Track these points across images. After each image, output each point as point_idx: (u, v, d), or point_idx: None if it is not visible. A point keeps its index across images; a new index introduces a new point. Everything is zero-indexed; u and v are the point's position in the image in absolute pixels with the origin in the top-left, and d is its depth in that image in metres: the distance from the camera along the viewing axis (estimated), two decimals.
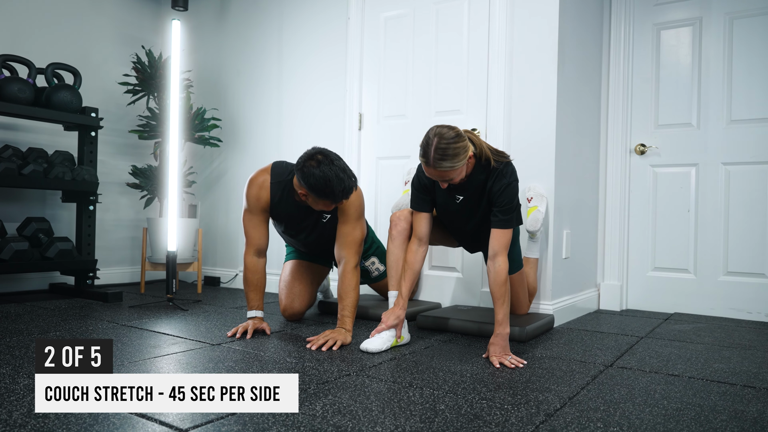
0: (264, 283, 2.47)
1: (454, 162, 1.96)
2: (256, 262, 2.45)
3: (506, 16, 2.88)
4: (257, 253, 2.45)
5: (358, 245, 2.41)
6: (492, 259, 2.10)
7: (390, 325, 2.18)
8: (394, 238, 2.32)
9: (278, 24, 3.80)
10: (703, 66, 3.19)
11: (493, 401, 1.56)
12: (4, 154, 3.19)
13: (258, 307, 2.45)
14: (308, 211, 2.45)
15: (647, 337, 2.52)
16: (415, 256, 2.25)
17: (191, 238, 3.72)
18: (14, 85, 3.05)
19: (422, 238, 2.26)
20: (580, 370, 1.92)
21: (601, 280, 3.38)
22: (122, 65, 3.98)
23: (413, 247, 2.26)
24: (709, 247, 3.17)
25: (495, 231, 2.12)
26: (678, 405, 1.57)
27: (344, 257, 2.39)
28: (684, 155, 3.24)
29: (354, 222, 2.40)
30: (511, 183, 2.11)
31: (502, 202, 2.10)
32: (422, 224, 2.26)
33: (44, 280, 3.63)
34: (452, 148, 1.94)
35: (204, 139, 3.81)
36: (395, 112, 3.28)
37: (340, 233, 2.41)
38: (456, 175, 2.02)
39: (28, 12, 3.58)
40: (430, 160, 1.96)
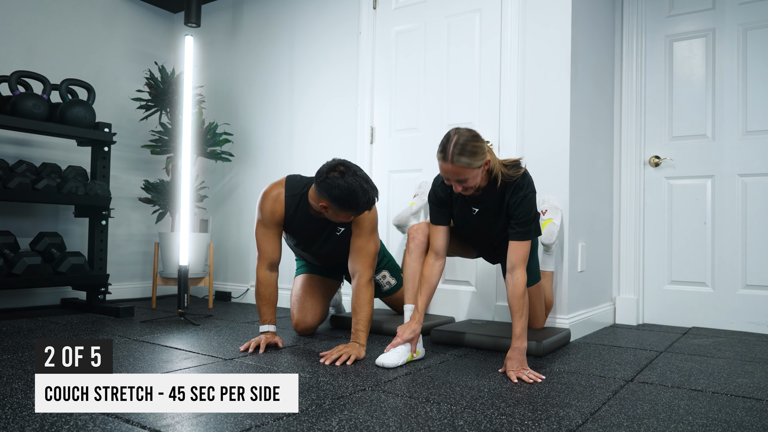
0: (276, 297, 2.45)
1: (472, 160, 1.95)
2: (268, 276, 2.43)
3: (518, 29, 2.88)
4: (270, 267, 2.43)
5: (372, 259, 2.38)
6: (510, 272, 2.07)
7: (405, 339, 2.15)
8: (411, 251, 2.29)
9: (289, 39, 3.82)
10: (717, 77, 3.17)
11: (513, 417, 1.53)
12: (18, 170, 3.21)
13: (270, 322, 2.42)
14: (322, 224, 2.43)
15: (666, 352, 2.46)
16: (432, 270, 2.22)
17: (202, 253, 3.72)
18: (29, 101, 3.08)
19: (439, 252, 2.23)
20: (600, 385, 1.88)
21: (617, 294, 3.33)
22: (135, 81, 4.01)
23: (430, 261, 2.23)
24: (727, 260, 3.12)
25: (513, 243, 2.09)
26: (704, 421, 1.53)
27: (358, 271, 2.35)
28: (699, 167, 3.21)
29: (368, 235, 2.37)
30: (528, 195, 2.09)
31: (519, 215, 2.08)
32: (439, 238, 2.23)
33: (56, 295, 3.63)
34: (471, 145, 1.95)
35: (216, 154, 3.82)
36: (407, 125, 3.28)
37: (354, 247, 2.38)
38: (471, 177, 1.99)
39: (43, 29, 3.62)
40: (448, 155, 1.95)
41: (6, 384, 1.73)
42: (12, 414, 1.45)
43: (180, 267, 3.10)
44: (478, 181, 2.04)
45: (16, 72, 3.15)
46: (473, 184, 2.03)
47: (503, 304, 2.86)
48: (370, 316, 2.31)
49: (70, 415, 1.44)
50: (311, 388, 1.76)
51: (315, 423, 1.43)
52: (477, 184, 2.05)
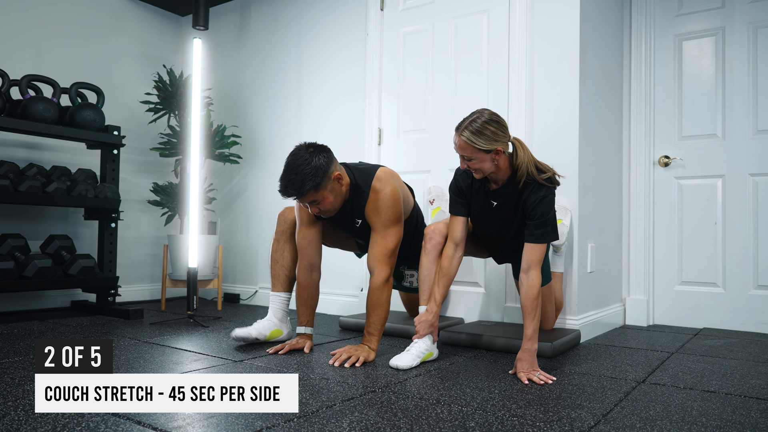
0: (315, 298, 2.40)
1: (478, 140, 1.96)
2: (307, 277, 2.38)
3: (526, 29, 2.87)
4: (309, 268, 2.38)
5: (387, 257, 2.22)
6: (525, 272, 2.05)
7: (423, 334, 2.14)
8: (428, 252, 2.26)
9: (297, 42, 3.83)
10: (728, 76, 3.15)
11: (525, 418, 1.52)
12: (29, 173, 3.23)
13: (306, 324, 2.39)
14: (341, 214, 2.33)
15: (678, 353, 2.45)
16: (451, 262, 2.19)
17: (211, 255, 3.72)
18: (39, 105, 3.10)
19: (458, 242, 2.20)
20: (612, 387, 1.87)
21: (627, 295, 3.31)
22: (144, 84, 4.03)
23: (449, 252, 2.19)
24: (738, 260, 3.09)
25: (528, 245, 2.06)
26: (717, 422, 1.51)
27: (373, 269, 2.24)
28: (709, 167, 3.18)
29: (382, 230, 2.23)
30: (548, 196, 2.07)
31: (536, 215, 2.05)
32: (458, 228, 2.20)
33: (66, 297, 3.65)
34: (483, 125, 1.97)
35: (224, 156, 3.84)
36: (415, 126, 3.28)
37: (370, 242, 2.27)
38: (477, 158, 1.99)
39: (53, 33, 3.65)
40: (460, 128, 2.00)
41: (18, 385, 1.74)
42: (24, 415, 1.46)
43: (189, 269, 3.11)
44: (486, 167, 2.02)
45: (26, 76, 3.18)
46: (478, 167, 2.02)
47: (513, 306, 2.84)
48: (384, 319, 2.23)
49: (81, 416, 1.44)
50: (321, 390, 1.76)
51: (325, 425, 1.43)
52: (485, 170, 2.03)
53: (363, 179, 2.25)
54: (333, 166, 2.17)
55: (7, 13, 3.44)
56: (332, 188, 2.16)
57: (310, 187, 2.09)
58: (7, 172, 3.14)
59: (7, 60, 3.39)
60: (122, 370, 1.98)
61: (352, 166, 2.32)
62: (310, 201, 2.14)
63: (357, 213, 2.30)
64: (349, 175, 2.26)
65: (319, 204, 2.15)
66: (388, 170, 2.31)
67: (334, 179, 2.16)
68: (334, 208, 2.21)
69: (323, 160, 2.12)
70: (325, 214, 2.22)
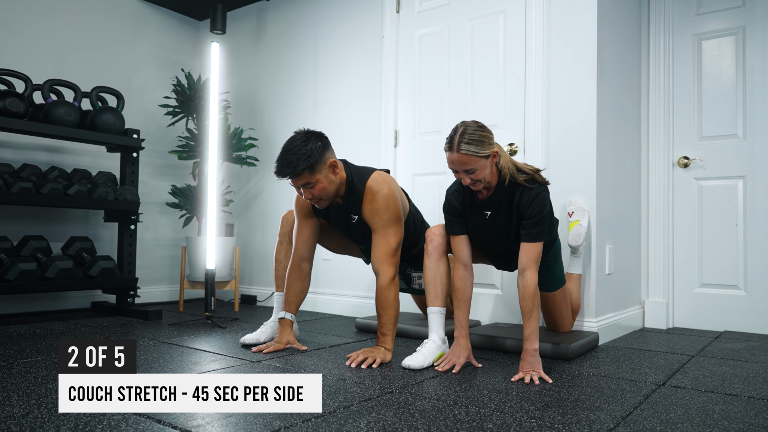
0: (303, 286, 2.47)
1: (478, 148, 1.96)
2: (296, 267, 2.46)
3: (543, 30, 2.86)
4: (299, 259, 2.47)
5: (390, 256, 2.25)
6: (521, 274, 2.05)
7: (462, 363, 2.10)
8: (430, 254, 2.27)
9: (313, 45, 3.85)
10: (748, 76, 3.10)
11: (543, 420, 1.51)
12: (51, 175, 3.28)
13: (288, 310, 2.45)
14: (337, 210, 2.40)
15: (698, 356, 2.41)
16: (465, 283, 2.18)
17: (228, 257, 3.75)
18: (61, 108, 3.15)
19: (466, 263, 2.19)
20: (631, 389, 1.85)
21: (646, 297, 3.28)
22: (163, 88, 4.08)
23: (460, 274, 2.18)
24: (760, 262, 3.04)
25: (524, 245, 2.06)
26: (740, 426, 1.49)
27: (378, 270, 2.26)
28: (730, 167, 3.14)
29: (383, 230, 2.25)
30: (540, 193, 2.06)
31: (531, 213, 2.05)
32: (463, 248, 2.20)
33: (87, 298, 3.70)
34: (477, 134, 1.98)
35: (241, 159, 3.87)
36: (431, 128, 3.28)
37: (372, 243, 2.31)
38: (479, 168, 1.98)
39: (74, 39, 3.71)
40: (454, 145, 1.98)
41: (41, 384, 1.77)
42: (47, 413, 1.48)
43: (207, 271, 3.14)
44: (487, 174, 2.02)
45: (48, 80, 3.23)
46: (481, 176, 2.01)
47: None
48: (396, 318, 2.25)
49: (103, 415, 1.46)
50: (338, 390, 1.76)
51: (343, 425, 1.43)
52: (486, 178, 2.03)
53: (358, 177, 2.32)
54: (328, 152, 2.24)
55: (31, 19, 3.51)
56: (326, 174, 2.22)
57: (305, 167, 2.15)
58: (29, 174, 3.20)
59: (30, 65, 3.46)
60: (142, 370, 2.01)
61: (349, 163, 2.39)
62: (304, 183, 2.20)
63: (352, 209, 2.35)
64: (345, 170, 2.32)
65: (312, 188, 2.21)
66: (383, 174, 2.37)
67: (329, 165, 2.22)
68: (327, 195, 2.26)
69: (319, 144, 2.21)
70: (319, 202, 2.27)
